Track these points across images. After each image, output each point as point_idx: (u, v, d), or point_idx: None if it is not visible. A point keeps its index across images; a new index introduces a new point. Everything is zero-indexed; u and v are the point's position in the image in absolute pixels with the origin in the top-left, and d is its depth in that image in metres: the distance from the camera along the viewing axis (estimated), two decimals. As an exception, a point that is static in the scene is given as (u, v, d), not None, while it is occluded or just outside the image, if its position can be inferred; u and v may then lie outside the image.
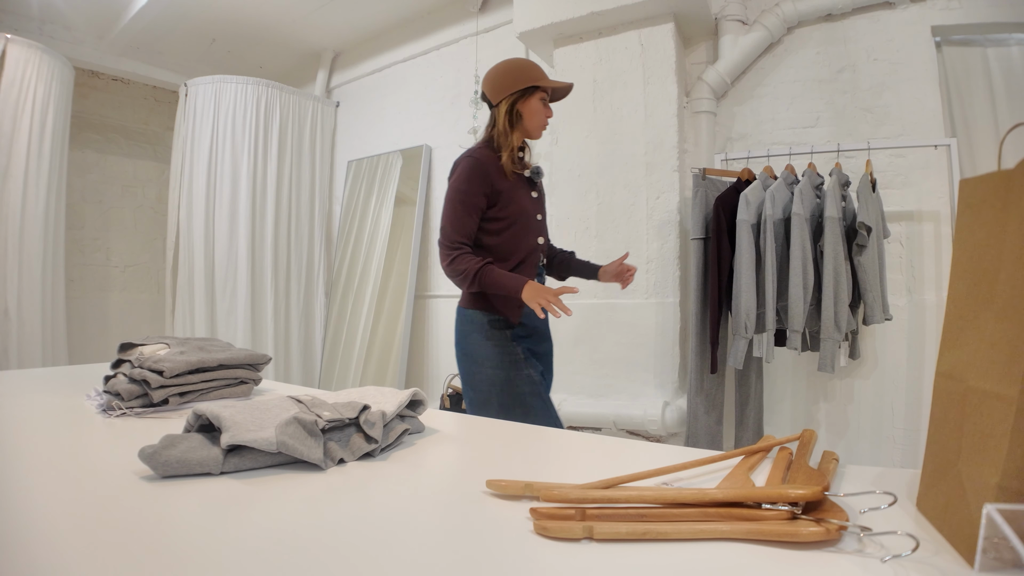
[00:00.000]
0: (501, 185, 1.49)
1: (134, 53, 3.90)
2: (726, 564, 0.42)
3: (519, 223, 1.51)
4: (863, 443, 2.25)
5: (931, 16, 2.20)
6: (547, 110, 1.55)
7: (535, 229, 1.56)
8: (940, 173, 2.16)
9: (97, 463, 0.67)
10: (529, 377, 1.49)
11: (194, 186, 3.47)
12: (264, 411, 0.71)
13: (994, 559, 0.34)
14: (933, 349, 2.13)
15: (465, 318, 1.54)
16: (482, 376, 1.50)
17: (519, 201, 1.52)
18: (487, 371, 1.49)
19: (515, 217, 1.51)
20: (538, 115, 1.53)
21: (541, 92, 1.53)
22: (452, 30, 3.46)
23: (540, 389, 1.51)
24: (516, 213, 1.51)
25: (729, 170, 2.28)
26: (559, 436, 0.87)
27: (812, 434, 0.67)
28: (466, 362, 1.54)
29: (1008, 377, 0.40)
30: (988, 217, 0.46)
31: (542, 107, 1.54)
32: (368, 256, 3.69)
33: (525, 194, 1.55)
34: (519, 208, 1.51)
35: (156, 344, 1.09)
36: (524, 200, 1.54)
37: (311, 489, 0.59)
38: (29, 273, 3.05)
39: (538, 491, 0.54)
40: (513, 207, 1.50)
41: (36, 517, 0.51)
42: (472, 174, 1.46)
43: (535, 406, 1.48)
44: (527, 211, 1.53)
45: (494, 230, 1.50)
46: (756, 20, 2.46)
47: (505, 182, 1.50)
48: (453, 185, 1.49)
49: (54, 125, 3.19)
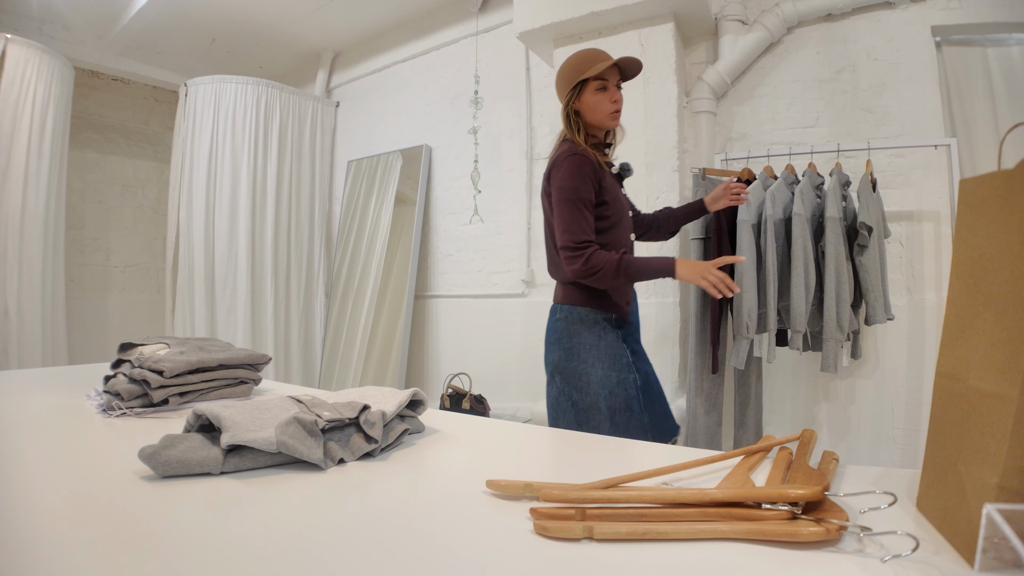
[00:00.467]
0: (606, 181, 1.43)
1: (134, 53, 3.90)
2: (726, 564, 0.42)
3: (620, 219, 1.47)
4: (863, 443, 2.25)
5: (931, 16, 2.20)
6: (609, 95, 1.44)
7: (628, 225, 1.52)
8: (940, 173, 2.16)
9: (97, 463, 0.67)
10: (635, 380, 1.45)
11: (194, 186, 3.47)
12: (264, 411, 0.71)
13: (994, 559, 0.34)
14: (933, 349, 2.13)
15: (572, 316, 1.46)
16: (593, 377, 1.42)
17: (616, 196, 1.47)
18: (599, 372, 1.42)
19: (618, 214, 1.46)
20: (598, 106, 1.44)
21: (594, 81, 1.43)
22: (452, 30, 3.46)
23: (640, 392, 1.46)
24: (618, 210, 1.46)
25: (729, 170, 2.28)
26: (559, 436, 0.87)
27: (812, 434, 0.67)
28: (572, 362, 1.45)
29: (1008, 377, 0.40)
30: (988, 217, 0.46)
31: (599, 97, 1.43)
32: (368, 256, 3.69)
33: (619, 189, 1.51)
34: (620, 205, 1.47)
35: (156, 344, 1.09)
36: (618, 194, 1.49)
37: (311, 489, 0.59)
38: (29, 273, 3.05)
39: (538, 491, 0.54)
40: (616, 204, 1.46)
41: (36, 517, 0.51)
42: (581, 170, 1.39)
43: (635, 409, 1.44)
44: (624, 207, 1.50)
45: (601, 228, 1.43)
46: (756, 20, 2.46)
47: (608, 178, 1.45)
48: (563, 184, 1.39)
49: (54, 125, 3.19)
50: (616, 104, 1.45)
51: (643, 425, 1.43)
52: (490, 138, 3.24)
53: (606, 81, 1.44)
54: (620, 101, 1.46)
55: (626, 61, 1.44)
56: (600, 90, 1.44)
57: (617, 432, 1.39)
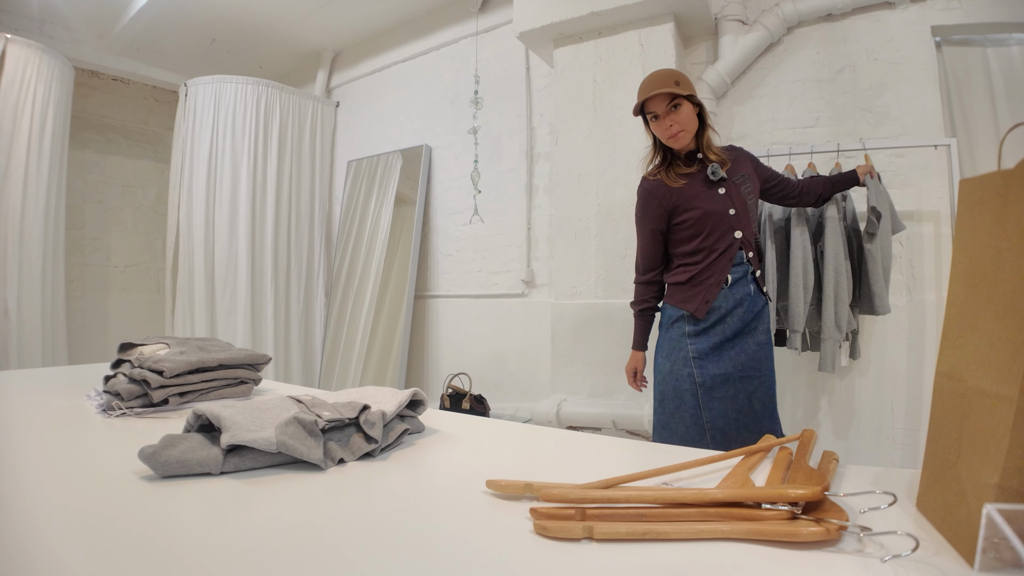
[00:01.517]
0: (678, 198, 1.56)
1: (134, 53, 3.90)
2: (726, 564, 0.42)
3: (708, 225, 1.54)
4: (863, 443, 2.25)
5: (931, 16, 2.20)
6: (660, 123, 1.55)
7: (729, 225, 1.54)
8: (940, 173, 2.16)
9: (97, 463, 0.67)
10: (691, 375, 1.55)
11: (194, 186, 3.47)
12: (264, 411, 0.71)
13: (994, 559, 0.34)
14: (933, 349, 2.13)
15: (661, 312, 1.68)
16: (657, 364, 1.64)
17: (700, 204, 1.54)
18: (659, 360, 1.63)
19: (700, 221, 1.54)
20: (659, 132, 1.57)
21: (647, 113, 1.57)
22: (452, 30, 3.46)
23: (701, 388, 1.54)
24: (699, 217, 1.54)
25: (729, 170, 2.28)
26: (559, 436, 0.87)
27: (812, 434, 0.67)
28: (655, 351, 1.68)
29: (1008, 377, 0.40)
30: (988, 217, 0.46)
31: (655, 125, 1.57)
32: (368, 256, 3.69)
33: (708, 195, 1.55)
34: (702, 212, 1.54)
35: (156, 344, 1.09)
36: (706, 202, 1.55)
37: (311, 489, 0.59)
38: (29, 273, 3.05)
39: (538, 491, 0.54)
40: (694, 212, 1.54)
41: (36, 517, 0.51)
42: (643, 202, 1.62)
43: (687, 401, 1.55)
44: (713, 212, 1.54)
45: (683, 238, 1.58)
46: (756, 20, 2.46)
47: (676, 195, 1.56)
48: (635, 214, 1.66)
49: (54, 125, 3.19)
50: (670, 129, 1.54)
51: (698, 421, 1.52)
52: (490, 138, 3.24)
53: (654, 111, 1.55)
54: (676, 123, 1.53)
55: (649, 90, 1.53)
56: (654, 119, 1.57)
57: (663, 417, 1.60)
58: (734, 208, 1.55)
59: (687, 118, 1.53)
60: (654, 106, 1.53)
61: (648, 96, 1.52)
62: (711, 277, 1.54)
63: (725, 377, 1.52)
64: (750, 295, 1.54)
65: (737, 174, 1.59)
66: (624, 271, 2.43)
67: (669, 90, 1.50)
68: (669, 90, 1.50)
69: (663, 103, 1.52)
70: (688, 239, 1.57)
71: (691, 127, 1.55)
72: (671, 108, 1.52)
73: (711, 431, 1.50)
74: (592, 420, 2.35)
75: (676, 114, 1.52)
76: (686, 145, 1.57)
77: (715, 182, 1.56)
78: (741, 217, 1.55)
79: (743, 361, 1.53)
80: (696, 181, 1.56)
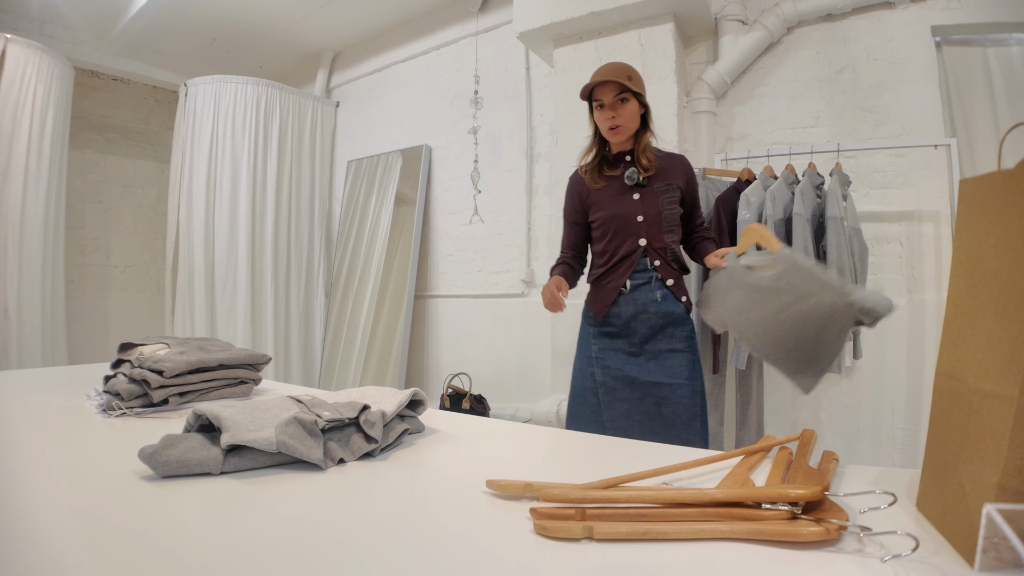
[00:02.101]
0: (593, 198, 1.60)
1: (134, 53, 3.90)
2: (726, 564, 0.42)
3: (612, 228, 1.56)
4: (863, 443, 2.25)
5: (931, 16, 2.20)
6: (605, 112, 1.53)
7: (634, 231, 1.55)
8: (940, 173, 2.16)
9: (97, 463, 0.67)
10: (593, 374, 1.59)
11: (194, 186, 3.47)
12: (264, 411, 0.71)
13: (994, 559, 0.34)
14: (933, 349, 2.13)
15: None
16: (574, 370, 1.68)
17: (609, 207, 1.56)
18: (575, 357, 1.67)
19: (606, 223, 1.57)
20: (600, 121, 1.57)
21: (593, 100, 1.56)
22: (452, 30, 3.46)
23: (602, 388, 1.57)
24: (605, 220, 1.57)
25: (729, 170, 2.28)
26: (559, 436, 0.87)
27: (812, 434, 0.67)
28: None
29: (1008, 377, 0.40)
30: (988, 217, 0.46)
31: (598, 114, 1.56)
32: (368, 256, 3.69)
33: (620, 199, 1.56)
34: (609, 215, 1.56)
35: (156, 344, 1.09)
36: (616, 205, 1.56)
37: (311, 489, 0.59)
38: (29, 273, 3.05)
39: (538, 491, 0.54)
40: (602, 214, 1.57)
41: (36, 517, 0.51)
42: (567, 194, 1.69)
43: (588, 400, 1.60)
44: (619, 216, 1.55)
45: (595, 238, 1.62)
46: (756, 20, 2.46)
47: (592, 194, 1.60)
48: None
49: (54, 125, 3.19)
50: (611, 121, 1.53)
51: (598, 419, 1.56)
52: (490, 138, 3.24)
53: (601, 99, 1.53)
54: (619, 117, 1.52)
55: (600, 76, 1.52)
56: (599, 107, 1.55)
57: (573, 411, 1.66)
58: (643, 215, 1.54)
59: (630, 115, 1.53)
60: (602, 93, 1.52)
61: (599, 82, 1.51)
62: (612, 281, 1.57)
63: (629, 380, 1.54)
64: (655, 302, 1.53)
65: (661, 182, 1.57)
66: (624, 271, 2.43)
67: (621, 81, 1.49)
68: (621, 81, 1.49)
69: (611, 93, 1.51)
70: (598, 239, 1.61)
71: (632, 125, 1.55)
72: (618, 100, 1.52)
73: (611, 431, 1.50)
74: (592, 420, 2.35)
75: (621, 108, 1.52)
76: (622, 143, 1.58)
77: (630, 187, 1.56)
78: (651, 225, 1.54)
79: (652, 367, 1.54)
80: (616, 183, 1.58)
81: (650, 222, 1.54)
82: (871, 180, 2.27)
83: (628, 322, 1.56)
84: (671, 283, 1.55)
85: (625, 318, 1.56)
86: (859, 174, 2.27)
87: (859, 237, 2.07)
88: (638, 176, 1.55)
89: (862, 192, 2.27)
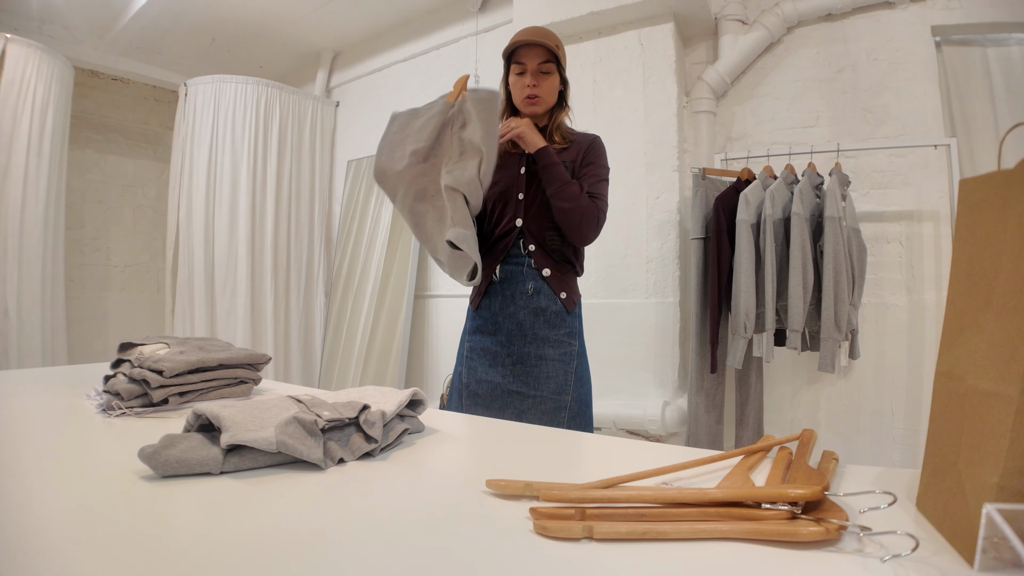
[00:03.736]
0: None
1: (134, 53, 3.90)
2: (726, 564, 0.42)
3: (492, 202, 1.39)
4: (863, 443, 2.25)
5: (931, 16, 2.20)
6: (523, 79, 1.35)
7: (513, 209, 1.36)
8: (940, 173, 2.16)
9: (97, 463, 0.67)
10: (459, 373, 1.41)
11: (194, 186, 3.47)
12: (264, 411, 0.71)
13: (994, 559, 0.34)
14: (933, 349, 2.13)
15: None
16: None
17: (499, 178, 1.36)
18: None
19: (491, 197, 1.38)
20: (516, 87, 1.39)
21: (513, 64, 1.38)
22: (452, 30, 3.46)
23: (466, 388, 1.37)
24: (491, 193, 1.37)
25: (729, 170, 2.28)
26: (559, 436, 0.87)
27: (812, 434, 0.67)
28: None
29: (1008, 377, 0.40)
30: (988, 217, 0.46)
31: (516, 79, 1.37)
32: (368, 256, 3.69)
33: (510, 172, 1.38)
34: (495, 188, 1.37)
35: (156, 344, 1.09)
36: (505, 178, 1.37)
37: (311, 489, 0.59)
38: (29, 273, 3.05)
39: (538, 491, 0.54)
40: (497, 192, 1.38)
41: (36, 517, 0.51)
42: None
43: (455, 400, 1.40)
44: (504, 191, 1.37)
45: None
46: (756, 20, 2.46)
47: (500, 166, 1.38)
48: None
49: (54, 125, 3.19)
50: (529, 90, 1.35)
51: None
52: (490, 138, 3.23)
53: (524, 63, 1.35)
54: (538, 88, 1.35)
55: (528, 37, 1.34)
56: (518, 73, 1.37)
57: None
58: (525, 193, 1.35)
59: (550, 88, 1.37)
60: (526, 57, 1.34)
61: (525, 42, 1.33)
62: (488, 266, 1.37)
63: (492, 386, 1.34)
64: (525, 294, 1.33)
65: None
66: (624, 270, 2.43)
67: (549, 46, 1.32)
68: (549, 46, 1.32)
69: (537, 59, 1.34)
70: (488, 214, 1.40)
71: (550, 99, 1.39)
72: (540, 70, 1.35)
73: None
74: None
75: (543, 79, 1.36)
76: (538, 118, 1.40)
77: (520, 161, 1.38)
78: (530, 206, 1.35)
79: (516, 374, 1.33)
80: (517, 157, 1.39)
81: (529, 201, 1.35)
82: (871, 180, 2.27)
83: (495, 317, 1.36)
84: (547, 274, 1.34)
85: (493, 312, 1.36)
86: (859, 174, 2.27)
87: (858, 237, 2.08)
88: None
89: (862, 192, 2.27)
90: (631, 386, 2.40)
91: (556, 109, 1.42)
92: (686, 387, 2.30)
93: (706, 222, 2.18)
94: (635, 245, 2.43)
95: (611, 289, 2.44)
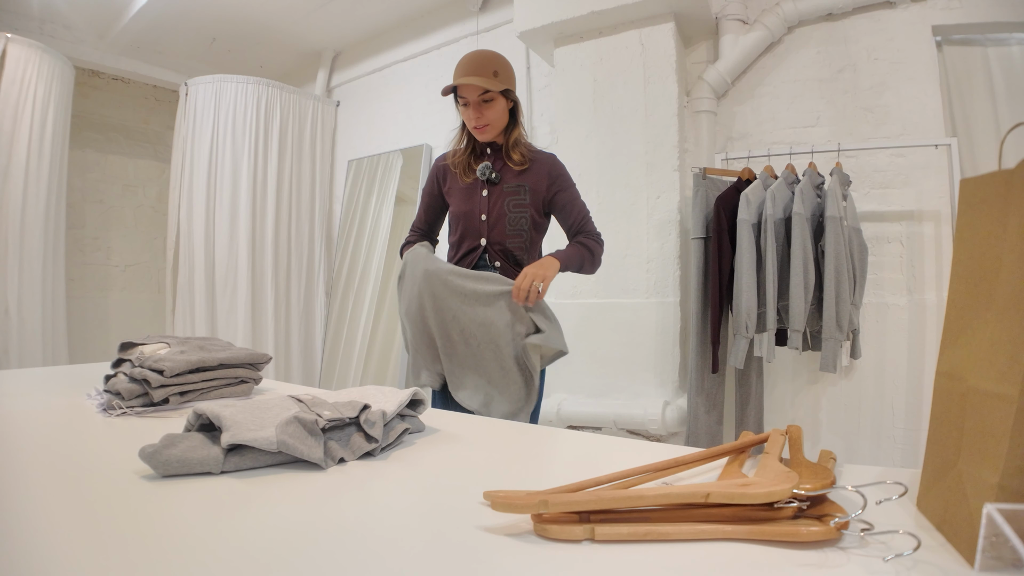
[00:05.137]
0: (449, 184, 1.57)
1: (134, 52, 3.90)
2: (727, 564, 0.42)
3: (460, 223, 1.53)
4: (863, 443, 2.25)
5: (932, 16, 2.20)
6: (470, 111, 1.45)
7: (477, 229, 1.50)
8: (940, 173, 2.16)
9: (97, 462, 0.67)
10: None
11: (194, 186, 3.47)
12: (264, 410, 0.71)
13: (994, 558, 0.34)
14: (933, 349, 2.13)
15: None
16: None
17: (458, 202, 1.53)
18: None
19: (455, 218, 1.55)
20: (466, 119, 1.49)
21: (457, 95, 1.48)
22: (452, 30, 3.46)
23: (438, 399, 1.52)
24: (454, 214, 1.54)
25: (729, 170, 2.28)
26: (559, 436, 0.87)
27: (798, 429, 0.67)
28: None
29: (1008, 377, 0.40)
30: (988, 217, 0.46)
31: (463, 110, 1.48)
32: (368, 256, 3.69)
33: (470, 194, 1.51)
34: (457, 210, 1.53)
35: (156, 343, 1.09)
36: (465, 201, 1.51)
37: (311, 488, 0.59)
38: (29, 272, 3.05)
39: (553, 507, 0.52)
40: (453, 208, 1.55)
41: (36, 517, 0.51)
42: (429, 175, 1.63)
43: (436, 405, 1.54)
44: (465, 213, 1.51)
45: (449, 230, 1.60)
46: (756, 20, 2.46)
47: (449, 184, 1.56)
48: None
49: (54, 125, 3.19)
50: (476, 120, 1.45)
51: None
52: (490, 138, 3.24)
53: (465, 98, 1.45)
54: (483, 117, 1.45)
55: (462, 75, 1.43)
56: (463, 105, 1.47)
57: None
58: (486, 214, 1.49)
59: (497, 113, 1.46)
60: (466, 92, 1.43)
61: (460, 83, 1.42)
62: None
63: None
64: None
65: (514, 182, 1.50)
66: (624, 270, 2.43)
67: (482, 84, 1.40)
68: (482, 84, 1.40)
69: (474, 92, 1.42)
70: (451, 232, 1.58)
71: (500, 123, 1.48)
72: (481, 100, 1.43)
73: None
74: (592, 419, 2.35)
75: (486, 108, 1.44)
76: (493, 139, 1.51)
77: (482, 183, 1.51)
78: (493, 226, 1.49)
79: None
80: (477, 182, 1.52)
81: (491, 222, 1.49)
82: (871, 180, 2.27)
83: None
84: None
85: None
86: (859, 174, 2.27)
87: (859, 237, 2.08)
88: (490, 173, 1.49)
89: (862, 192, 2.27)
90: (631, 386, 2.39)
91: (510, 127, 1.52)
92: (686, 387, 2.30)
93: (707, 222, 2.18)
94: (635, 245, 2.43)
95: (611, 289, 2.44)
